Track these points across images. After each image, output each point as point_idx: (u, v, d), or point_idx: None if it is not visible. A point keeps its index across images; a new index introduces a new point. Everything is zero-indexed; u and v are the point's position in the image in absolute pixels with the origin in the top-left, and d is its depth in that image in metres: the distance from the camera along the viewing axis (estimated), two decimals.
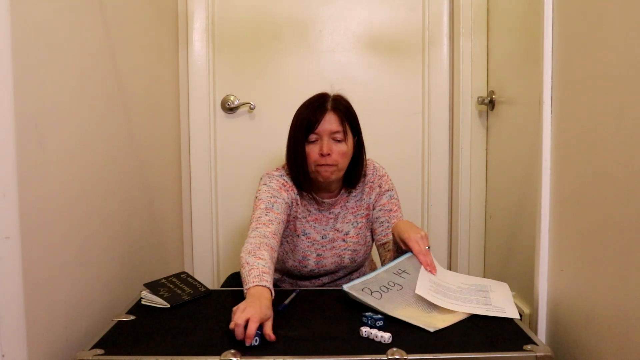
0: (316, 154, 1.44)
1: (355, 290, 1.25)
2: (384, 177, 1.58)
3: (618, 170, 1.09)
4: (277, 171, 1.53)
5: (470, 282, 1.37)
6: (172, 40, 2.08)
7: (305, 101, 1.51)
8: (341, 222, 1.57)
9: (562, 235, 1.34)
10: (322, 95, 1.50)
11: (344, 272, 1.61)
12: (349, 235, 1.57)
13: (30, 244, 1.01)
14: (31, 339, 1.01)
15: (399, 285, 1.26)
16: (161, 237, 1.91)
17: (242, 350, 1.03)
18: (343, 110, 1.47)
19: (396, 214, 1.56)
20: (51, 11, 1.13)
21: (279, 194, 1.47)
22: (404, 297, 1.23)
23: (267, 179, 1.52)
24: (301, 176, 1.48)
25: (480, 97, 2.01)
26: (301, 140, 1.46)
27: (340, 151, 1.45)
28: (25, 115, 1.01)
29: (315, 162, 1.45)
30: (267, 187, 1.48)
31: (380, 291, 1.24)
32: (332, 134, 1.44)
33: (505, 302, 1.29)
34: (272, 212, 1.42)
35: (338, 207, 1.57)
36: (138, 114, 1.66)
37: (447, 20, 2.16)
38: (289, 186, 1.50)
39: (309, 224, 1.55)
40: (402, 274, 1.29)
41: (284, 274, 1.63)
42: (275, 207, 1.44)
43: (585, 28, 1.23)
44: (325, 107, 1.46)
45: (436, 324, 1.15)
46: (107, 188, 1.41)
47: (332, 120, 1.44)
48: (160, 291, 1.32)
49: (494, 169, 2.00)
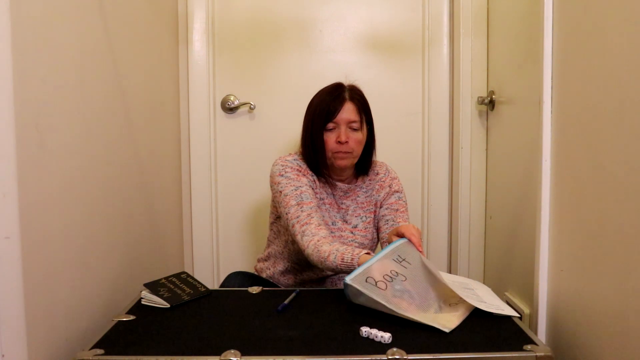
0: (333, 141, 1.51)
1: (358, 283, 1.19)
2: (395, 179, 1.66)
3: (618, 170, 1.09)
4: (290, 156, 1.57)
5: (453, 279, 1.37)
6: (172, 40, 2.08)
7: (322, 90, 1.57)
8: (351, 215, 1.61)
9: (562, 235, 1.34)
10: (339, 85, 1.56)
11: None
12: (357, 228, 1.61)
13: (30, 244, 1.01)
14: (31, 339, 1.01)
15: (402, 275, 1.23)
16: (161, 237, 1.91)
17: (242, 350, 1.03)
18: (360, 100, 1.54)
19: (402, 214, 1.60)
20: (51, 11, 1.13)
21: (300, 181, 1.51)
22: (410, 291, 1.22)
23: (280, 167, 1.53)
24: (319, 162, 1.54)
25: (480, 97, 2.01)
26: (319, 128, 1.52)
27: (357, 139, 1.52)
28: (25, 115, 1.01)
29: (332, 150, 1.52)
30: (286, 178, 1.51)
31: (385, 280, 1.21)
32: (350, 123, 1.51)
33: (496, 301, 1.30)
34: (305, 205, 1.47)
35: (349, 200, 1.61)
36: (138, 114, 1.66)
37: (447, 20, 2.16)
38: (304, 170, 1.55)
39: (325, 206, 1.59)
40: (403, 263, 1.27)
41: (290, 261, 1.63)
42: (304, 197, 1.48)
43: (585, 28, 1.23)
44: (344, 96, 1.52)
45: (447, 323, 1.14)
46: (107, 188, 1.41)
47: (350, 110, 1.51)
48: (160, 291, 1.32)
49: (494, 169, 2.00)
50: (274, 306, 1.28)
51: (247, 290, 1.42)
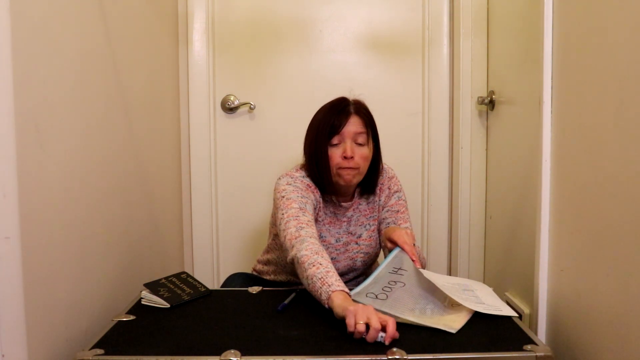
0: (338, 156, 1.44)
1: (360, 298, 1.23)
2: (393, 178, 1.60)
3: (618, 170, 1.09)
4: (297, 172, 1.50)
5: (452, 281, 1.36)
6: (172, 40, 2.08)
7: (326, 104, 1.51)
8: (354, 225, 1.57)
9: (562, 235, 1.34)
10: (343, 99, 1.50)
11: (354, 275, 1.61)
12: (362, 238, 1.57)
13: (30, 244, 1.01)
14: (31, 339, 1.01)
15: (400, 282, 1.25)
16: (161, 237, 1.91)
17: (242, 350, 1.03)
18: (365, 114, 1.49)
19: (403, 215, 1.57)
20: (51, 11, 1.13)
21: (307, 195, 1.45)
22: (411, 295, 1.22)
23: (289, 179, 1.47)
24: (325, 179, 1.47)
25: (480, 97, 2.01)
26: (324, 142, 1.45)
27: (363, 154, 1.45)
28: (25, 115, 1.01)
29: (337, 165, 1.44)
30: (294, 187, 1.45)
31: (384, 292, 1.23)
32: (355, 137, 1.45)
33: (496, 301, 1.29)
34: (307, 213, 1.40)
35: (351, 210, 1.57)
36: (138, 114, 1.66)
37: (447, 20, 2.16)
38: (314, 188, 1.49)
39: (325, 227, 1.54)
40: (399, 271, 1.28)
41: (293, 275, 1.59)
42: (307, 207, 1.42)
43: (585, 28, 1.23)
44: (349, 110, 1.47)
45: (453, 324, 1.14)
46: (107, 188, 1.41)
47: (356, 123, 1.45)
48: (160, 291, 1.32)
49: (494, 169, 2.00)
50: (274, 306, 1.28)
51: (247, 290, 1.42)
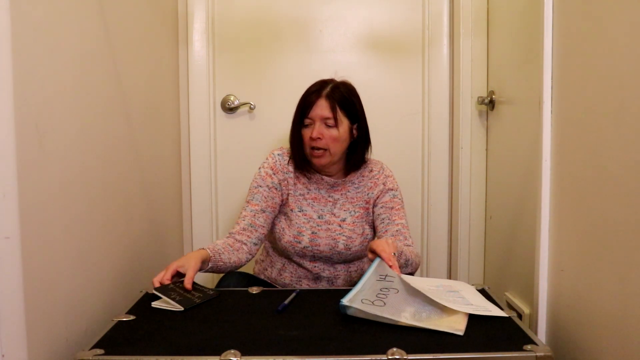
0: (309, 137, 1.54)
1: (356, 304, 1.18)
2: (389, 177, 1.64)
3: (618, 170, 1.09)
4: (278, 150, 1.64)
5: (435, 284, 1.34)
6: (172, 40, 2.08)
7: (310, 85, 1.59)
8: (339, 209, 1.62)
9: (562, 235, 1.34)
10: (324, 81, 1.58)
11: (339, 259, 1.61)
12: (346, 222, 1.61)
13: (30, 244, 1.01)
14: (31, 339, 1.01)
15: (394, 289, 1.24)
16: (161, 237, 1.91)
17: (242, 350, 1.03)
18: (338, 97, 1.54)
19: (398, 212, 1.59)
20: (51, 11, 1.13)
21: (263, 182, 1.59)
22: (406, 300, 1.20)
23: (264, 162, 1.62)
24: (298, 157, 1.58)
25: (480, 97, 2.01)
26: (298, 123, 1.56)
27: (332, 136, 1.52)
28: (25, 115, 1.01)
29: (308, 145, 1.55)
30: (257, 175, 1.61)
31: (380, 299, 1.21)
32: (324, 120, 1.52)
33: (483, 301, 1.28)
34: (249, 205, 1.57)
35: (338, 194, 1.62)
36: (138, 114, 1.66)
37: (447, 20, 2.17)
38: (279, 167, 1.60)
39: (306, 201, 1.61)
40: (387, 278, 1.26)
41: (282, 255, 1.65)
42: (255, 198, 1.57)
43: (585, 28, 1.23)
44: (320, 93, 1.54)
45: (458, 325, 1.13)
46: (107, 188, 1.41)
47: (323, 106, 1.53)
48: (172, 295, 1.31)
49: (494, 169, 2.00)
50: (274, 306, 1.28)
51: (247, 290, 1.42)
